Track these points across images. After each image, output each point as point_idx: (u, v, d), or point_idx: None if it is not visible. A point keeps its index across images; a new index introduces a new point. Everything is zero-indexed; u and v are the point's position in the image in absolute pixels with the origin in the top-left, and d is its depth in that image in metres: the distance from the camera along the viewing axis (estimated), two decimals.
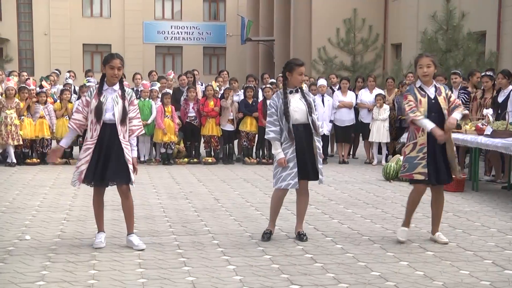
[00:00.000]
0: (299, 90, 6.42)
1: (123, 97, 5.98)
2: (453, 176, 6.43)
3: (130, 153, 5.98)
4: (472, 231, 6.96)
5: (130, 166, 5.95)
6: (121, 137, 5.94)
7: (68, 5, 37.18)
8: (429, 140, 6.18)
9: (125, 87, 6.11)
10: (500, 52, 18.05)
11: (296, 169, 6.25)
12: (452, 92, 6.53)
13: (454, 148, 6.37)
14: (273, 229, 6.55)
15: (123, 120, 5.95)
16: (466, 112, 6.44)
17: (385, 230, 6.99)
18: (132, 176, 5.97)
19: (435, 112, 6.20)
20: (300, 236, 6.42)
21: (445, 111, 6.22)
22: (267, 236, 6.41)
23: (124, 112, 5.96)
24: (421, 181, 6.25)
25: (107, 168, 5.90)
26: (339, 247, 6.18)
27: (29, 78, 14.06)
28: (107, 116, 5.92)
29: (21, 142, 12.34)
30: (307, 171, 6.34)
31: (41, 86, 13.43)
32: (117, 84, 6.02)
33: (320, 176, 6.42)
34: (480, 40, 17.78)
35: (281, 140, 6.32)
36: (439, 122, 6.17)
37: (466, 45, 15.81)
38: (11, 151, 12.35)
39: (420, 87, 6.33)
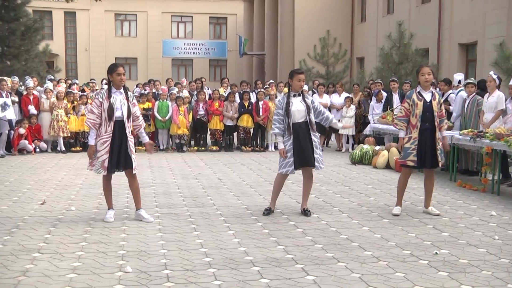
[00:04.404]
0: (300, 94, 6.22)
1: (127, 99, 5.81)
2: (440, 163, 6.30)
3: (133, 146, 5.82)
4: (418, 203, 6.97)
5: (133, 156, 5.79)
6: (127, 131, 5.77)
7: (104, 27, 37.06)
8: (420, 136, 6.18)
9: (127, 91, 5.93)
10: (440, 64, 18.06)
11: (292, 159, 6.08)
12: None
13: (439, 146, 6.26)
14: (273, 207, 6.33)
15: (128, 117, 5.77)
16: (449, 124, 6.38)
17: (351, 203, 7.00)
18: (134, 163, 5.81)
19: (429, 113, 6.15)
20: (305, 212, 6.21)
21: (435, 113, 6.16)
22: (267, 212, 6.20)
23: (129, 111, 5.79)
24: (412, 167, 6.25)
25: (120, 157, 5.77)
26: (316, 216, 6.18)
27: (74, 84, 14.09)
28: (117, 113, 5.71)
29: (69, 135, 12.41)
30: (305, 159, 6.12)
31: (83, 90, 13.47)
32: (122, 89, 5.83)
33: (316, 164, 6.13)
34: (424, 55, 17.78)
35: (283, 134, 6.15)
36: (430, 120, 6.16)
37: (414, 58, 15.80)
38: (61, 141, 12.37)
39: (419, 92, 6.22)
